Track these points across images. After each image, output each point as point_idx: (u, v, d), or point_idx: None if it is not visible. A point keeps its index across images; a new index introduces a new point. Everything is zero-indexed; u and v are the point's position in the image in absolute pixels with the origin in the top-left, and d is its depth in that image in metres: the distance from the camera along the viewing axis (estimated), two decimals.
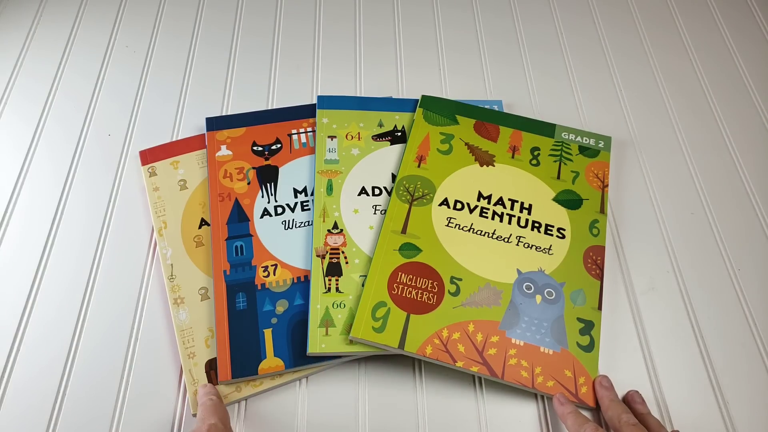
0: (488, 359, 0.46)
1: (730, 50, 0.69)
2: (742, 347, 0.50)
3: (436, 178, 0.55)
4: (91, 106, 0.63)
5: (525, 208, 0.53)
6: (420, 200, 0.53)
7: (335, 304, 0.49)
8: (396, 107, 0.60)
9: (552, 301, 0.49)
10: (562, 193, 0.55)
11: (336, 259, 0.51)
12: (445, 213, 0.53)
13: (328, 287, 0.50)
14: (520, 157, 0.57)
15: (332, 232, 0.52)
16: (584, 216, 0.54)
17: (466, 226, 0.52)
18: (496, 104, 0.62)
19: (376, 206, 0.54)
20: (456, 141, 0.57)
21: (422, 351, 0.46)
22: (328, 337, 0.47)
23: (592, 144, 0.58)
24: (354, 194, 0.54)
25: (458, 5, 0.73)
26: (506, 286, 0.49)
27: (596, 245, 0.52)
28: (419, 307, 0.48)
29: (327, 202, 0.54)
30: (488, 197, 0.54)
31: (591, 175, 0.56)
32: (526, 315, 0.48)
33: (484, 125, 0.58)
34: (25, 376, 0.48)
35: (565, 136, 0.58)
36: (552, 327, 0.48)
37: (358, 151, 0.57)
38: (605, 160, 0.57)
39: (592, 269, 0.51)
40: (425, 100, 0.60)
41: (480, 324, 0.48)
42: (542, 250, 0.51)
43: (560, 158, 0.57)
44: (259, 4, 0.72)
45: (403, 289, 0.49)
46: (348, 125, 0.59)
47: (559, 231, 0.52)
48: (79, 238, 0.55)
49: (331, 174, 0.55)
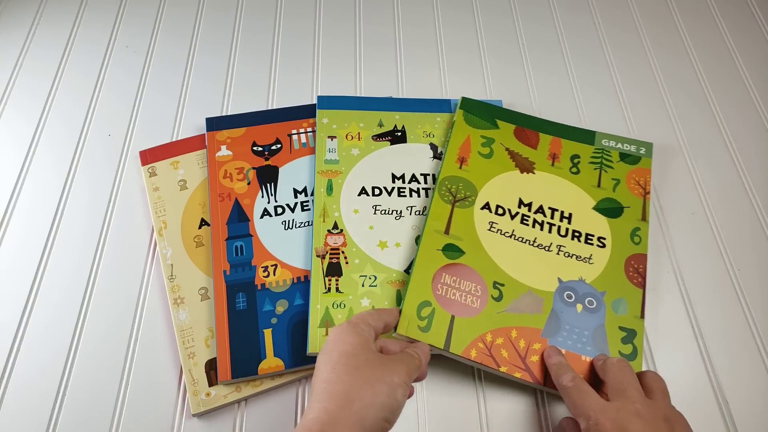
0: (531, 366, 0.46)
1: (730, 50, 0.69)
2: (743, 347, 0.50)
3: (477, 180, 0.54)
4: (92, 106, 0.63)
5: (565, 217, 0.53)
6: (462, 202, 0.53)
7: (335, 304, 0.49)
8: (396, 107, 0.60)
9: (593, 310, 0.49)
10: (603, 201, 0.54)
11: (336, 259, 0.51)
12: (487, 217, 0.53)
13: (328, 287, 0.50)
14: (560, 164, 0.56)
15: (332, 233, 0.52)
16: (625, 224, 0.53)
17: (508, 232, 0.52)
18: (496, 104, 0.61)
19: (377, 206, 0.54)
20: (497, 145, 0.57)
21: (467, 354, 0.46)
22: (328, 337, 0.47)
23: (633, 150, 0.57)
24: (354, 194, 0.54)
25: (458, 5, 0.73)
26: (547, 294, 0.49)
27: (638, 253, 0.51)
28: (464, 309, 0.48)
29: (327, 202, 0.54)
30: (529, 205, 0.53)
31: (632, 183, 0.55)
32: (567, 323, 0.48)
33: (524, 131, 0.58)
34: (26, 375, 0.48)
35: (605, 143, 0.57)
36: (593, 335, 0.48)
37: (358, 151, 0.57)
38: (647, 166, 0.56)
39: (633, 277, 0.50)
40: (465, 102, 0.59)
41: (523, 330, 0.47)
42: (582, 260, 0.51)
43: (600, 166, 0.56)
44: (259, 4, 0.72)
45: (447, 290, 0.49)
46: (348, 125, 0.58)
47: (599, 240, 0.52)
48: (79, 237, 0.55)
49: (331, 174, 0.55)
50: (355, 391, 0.35)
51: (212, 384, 0.47)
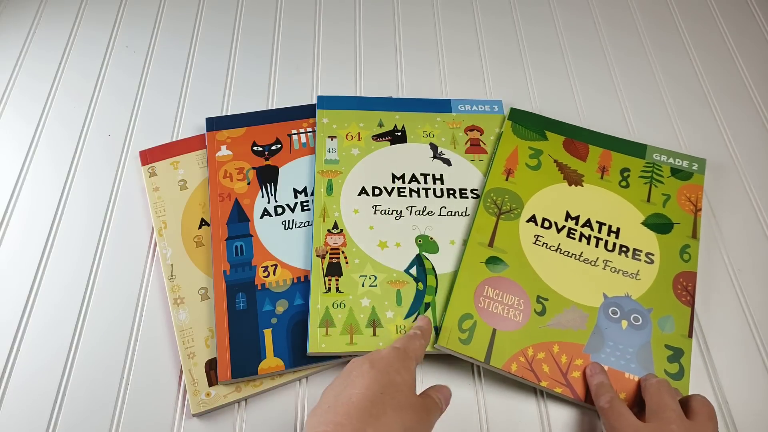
0: (572, 382, 0.46)
1: (730, 50, 0.69)
2: (743, 347, 0.50)
3: (524, 193, 0.54)
4: (92, 106, 0.63)
5: (613, 232, 0.52)
6: (507, 214, 0.53)
7: (335, 304, 0.49)
8: (396, 107, 0.60)
9: (638, 327, 0.48)
10: (652, 216, 0.53)
11: (336, 259, 0.51)
12: (532, 230, 0.52)
13: (328, 287, 0.50)
14: (609, 178, 0.55)
15: (332, 232, 0.52)
16: (675, 241, 0.52)
17: (554, 246, 0.51)
18: (496, 104, 0.61)
19: (376, 206, 0.54)
20: (545, 157, 0.56)
21: (507, 367, 0.46)
22: (328, 337, 0.47)
23: (686, 166, 0.56)
24: (354, 194, 0.54)
25: (458, 6, 0.73)
26: (592, 309, 0.49)
27: (687, 271, 0.51)
28: (505, 323, 0.48)
29: (327, 202, 0.54)
30: (576, 218, 0.53)
31: (683, 199, 0.54)
32: (611, 340, 0.47)
33: (573, 143, 0.57)
34: (26, 375, 0.48)
35: (656, 157, 0.57)
36: (638, 353, 0.47)
37: (358, 151, 0.57)
38: (699, 183, 0.55)
39: (682, 295, 0.49)
40: (514, 113, 0.59)
41: (565, 346, 0.47)
42: (629, 275, 0.50)
43: (651, 180, 0.55)
44: (259, 4, 0.72)
45: (490, 303, 0.48)
46: (348, 125, 0.58)
47: (647, 256, 0.51)
48: (79, 238, 0.55)
49: (332, 174, 0.55)
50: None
51: (212, 384, 0.47)
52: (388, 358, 0.39)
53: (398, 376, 0.38)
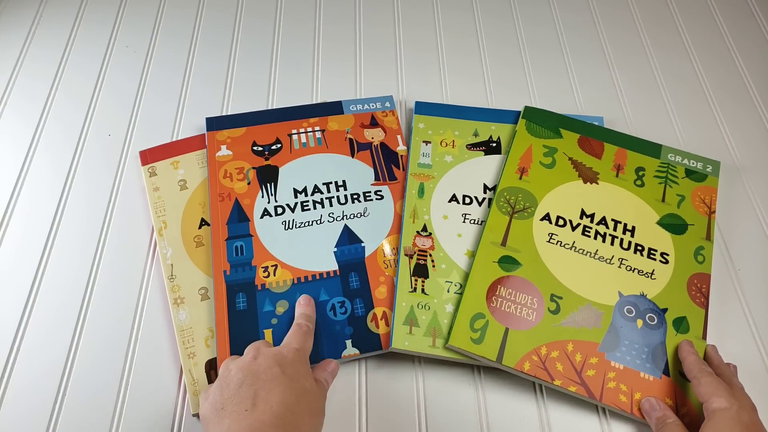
0: (586, 380, 0.46)
1: (730, 50, 0.69)
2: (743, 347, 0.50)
3: (538, 191, 0.54)
4: (91, 106, 0.63)
5: (628, 230, 0.52)
6: (521, 213, 0.52)
7: (420, 305, 0.49)
8: (493, 118, 0.60)
9: (654, 327, 0.48)
10: (667, 216, 0.53)
11: (423, 261, 0.51)
12: (546, 228, 0.52)
13: (414, 287, 0.50)
14: (625, 176, 0.55)
15: (421, 234, 0.52)
16: (689, 242, 0.52)
17: (568, 244, 0.51)
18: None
19: (466, 215, 0.54)
20: (559, 155, 0.56)
21: (520, 366, 0.46)
22: (411, 336, 0.47)
23: (700, 168, 0.56)
24: (444, 200, 0.54)
25: (458, 7, 0.73)
26: (607, 308, 0.48)
27: (701, 273, 0.50)
28: (518, 322, 0.47)
29: (418, 204, 0.54)
30: (591, 216, 0.53)
31: (697, 200, 0.54)
32: (626, 338, 0.47)
33: (588, 141, 0.57)
34: (26, 376, 0.48)
35: (671, 157, 0.56)
36: (653, 353, 0.47)
37: (451, 158, 0.57)
38: (713, 185, 0.55)
39: (696, 297, 0.49)
40: (528, 111, 0.59)
41: (579, 344, 0.47)
42: (645, 274, 0.50)
43: (666, 180, 0.55)
44: (259, 4, 0.72)
45: (502, 302, 0.48)
46: (443, 132, 0.59)
47: (662, 256, 0.51)
48: (79, 238, 0.55)
49: (424, 178, 0.55)
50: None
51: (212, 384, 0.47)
52: (295, 364, 0.41)
53: (306, 382, 0.40)
